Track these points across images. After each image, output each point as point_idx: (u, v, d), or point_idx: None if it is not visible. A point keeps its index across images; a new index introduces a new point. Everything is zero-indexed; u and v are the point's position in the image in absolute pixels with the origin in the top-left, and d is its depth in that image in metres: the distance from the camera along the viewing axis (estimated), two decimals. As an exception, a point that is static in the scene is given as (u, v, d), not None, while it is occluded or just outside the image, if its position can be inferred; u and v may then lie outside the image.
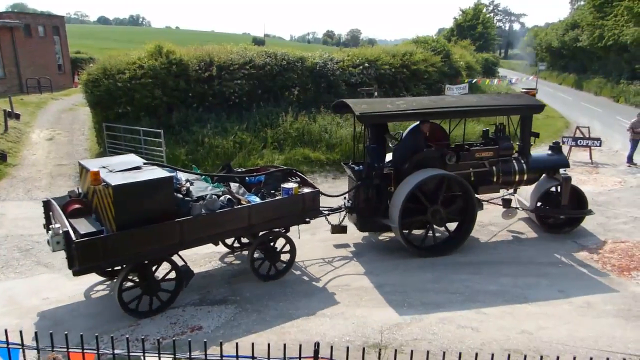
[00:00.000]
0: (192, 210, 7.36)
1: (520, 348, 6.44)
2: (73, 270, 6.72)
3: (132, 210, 6.77)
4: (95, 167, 7.10)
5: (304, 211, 8.55)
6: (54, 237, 6.66)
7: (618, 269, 8.98)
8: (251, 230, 8.15)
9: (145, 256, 7.15)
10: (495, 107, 10.56)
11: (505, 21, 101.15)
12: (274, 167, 9.93)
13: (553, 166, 10.68)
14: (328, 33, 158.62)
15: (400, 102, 10.10)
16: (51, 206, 7.61)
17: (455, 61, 25.08)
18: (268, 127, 16.43)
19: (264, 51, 19.22)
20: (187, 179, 8.25)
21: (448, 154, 9.84)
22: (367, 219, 9.73)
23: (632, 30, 34.54)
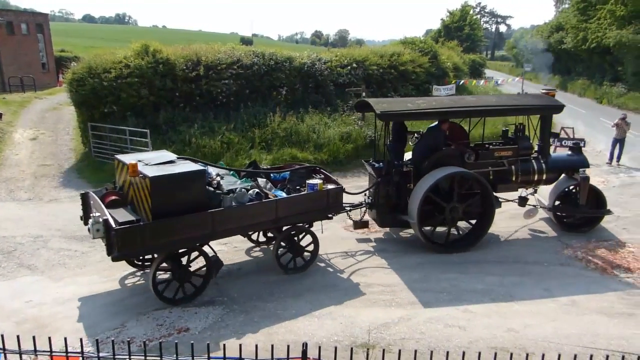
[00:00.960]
0: (222, 202, 7.72)
1: (507, 346, 6.49)
2: (112, 257, 7.02)
3: (167, 200, 7.12)
4: (132, 161, 7.39)
5: (327, 207, 8.87)
6: (94, 225, 6.95)
7: (601, 267, 9.10)
8: (277, 224, 8.43)
9: (178, 245, 7.48)
10: (515, 107, 10.67)
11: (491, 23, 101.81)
12: (298, 165, 10.24)
13: (572, 166, 10.79)
14: (316, 33, 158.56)
15: (420, 102, 10.35)
16: (89, 198, 8.01)
17: (442, 62, 25.23)
18: (256, 127, 16.38)
19: (252, 51, 19.16)
20: (218, 173, 8.59)
21: (467, 152, 10.02)
22: (387, 215, 10.00)
23: (615, 33, 35.05)
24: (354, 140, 16.80)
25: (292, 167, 9.84)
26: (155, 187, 6.98)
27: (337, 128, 17.14)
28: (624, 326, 7.08)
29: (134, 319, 7.29)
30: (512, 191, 10.77)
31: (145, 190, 7.10)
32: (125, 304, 7.75)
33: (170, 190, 7.14)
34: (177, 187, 7.21)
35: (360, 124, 17.64)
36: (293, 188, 9.13)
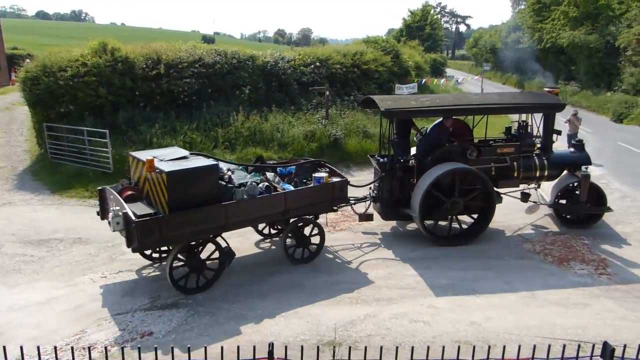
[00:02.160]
0: (234, 195, 8.07)
1: (470, 339, 6.64)
2: (132, 248, 7.44)
3: (183, 194, 7.45)
4: (149, 157, 7.69)
5: (333, 199, 9.25)
6: (114, 218, 7.26)
7: (558, 260, 9.43)
8: (286, 215, 8.77)
9: (193, 236, 7.81)
10: (517, 105, 10.93)
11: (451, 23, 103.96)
12: (303, 159, 10.60)
13: (574, 163, 11.00)
14: (279, 32, 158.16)
15: (424, 99, 10.68)
16: (106, 194, 8.29)
17: (404, 61, 25.58)
18: (219, 127, 16.18)
19: (214, 49, 18.92)
20: (228, 168, 8.92)
21: (469, 148, 10.19)
22: (390, 208, 10.29)
23: (568, 34, 36.38)
24: (318, 139, 16.83)
25: (297, 161, 10.22)
26: (171, 182, 7.31)
27: (301, 127, 17.13)
28: (579, 316, 7.36)
29: (95, 324, 7.09)
30: (514, 187, 10.97)
31: (161, 185, 7.42)
32: (85, 309, 7.53)
33: (186, 184, 7.50)
34: (192, 181, 7.56)
35: (324, 123, 17.69)
36: (300, 182, 9.48)
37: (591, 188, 10.60)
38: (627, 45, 29.63)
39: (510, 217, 11.35)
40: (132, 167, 8.40)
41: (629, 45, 29.47)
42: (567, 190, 10.95)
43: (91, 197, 12.94)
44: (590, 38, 34.96)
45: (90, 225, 11.12)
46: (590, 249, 9.89)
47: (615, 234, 10.77)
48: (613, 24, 34.29)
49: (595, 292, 8.15)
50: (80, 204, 12.66)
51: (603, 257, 9.54)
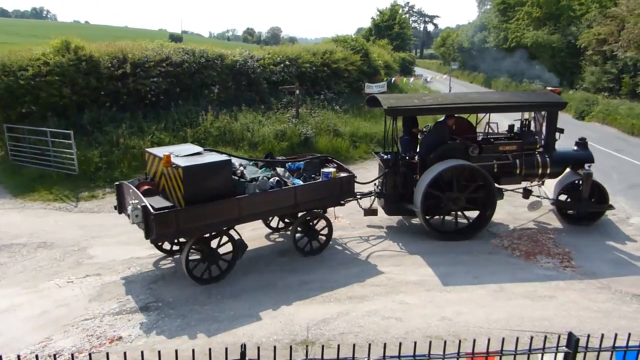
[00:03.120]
0: (247, 189, 8.44)
1: (441, 334, 6.74)
2: (151, 239, 7.79)
3: (198, 188, 7.77)
4: (166, 153, 7.94)
5: (340, 193, 9.59)
6: (133, 210, 7.57)
7: (525, 254, 9.65)
8: (296, 209, 9.09)
9: (208, 228, 8.14)
10: (518, 104, 11.09)
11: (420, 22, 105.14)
12: (311, 155, 10.87)
13: (577, 161, 11.13)
14: (248, 30, 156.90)
15: (427, 98, 10.94)
16: (123, 189, 8.55)
17: (374, 60, 25.73)
18: (188, 127, 15.95)
19: (182, 48, 18.63)
20: (240, 163, 9.30)
21: (471, 146, 10.39)
22: (394, 204, 10.56)
23: (532, 34, 37.32)
24: (289, 138, 16.79)
25: (305, 157, 10.52)
26: (187, 176, 7.64)
27: (271, 126, 17.05)
28: (546, 308, 7.55)
29: (61, 330, 6.90)
30: (517, 184, 11.14)
31: (178, 179, 7.75)
32: (50, 315, 7.31)
33: (200, 179, 7.80)
34: (206, 175, 7.89)
35: (294, 122, 17.66)
36: (308, 177, 9.78)
37: (594, 186, 10.77)
38: (587, 45, 30.57)
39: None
40: (148, 163, 8.72)
41: (589, 45, 30.41)
42: (570, 187, 11.07)
43: (56, 200, 12.59)
44: (552, 38, 35.94)
45: (54, 229, 10.83)
46: (556, 243, 10.16)
47: (579, 227, 11.08)
48: (574, 24, 35.33)
49: (561, 285, 8.38)
50: (44, 207, 12.29)
51: (567, 250, 9.82)
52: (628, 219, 11.57)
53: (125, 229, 10.77)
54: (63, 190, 13.02)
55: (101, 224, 11.10)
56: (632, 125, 22.28)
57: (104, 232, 10.63)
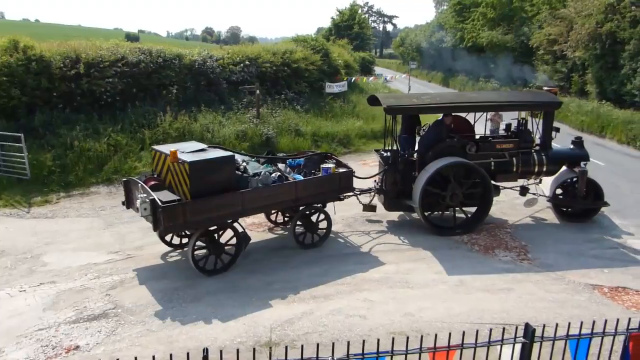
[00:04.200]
0: (250, 183, 8.78)
1: (405, 330, 6.82)
2: (159, 231, 8.16)
3: (203, 182, 8.11)
4: (172, 149, 8.34)
5: (340, 188, 9.94)
6: (142, 204, 7.83)
7: (484, 249, 9.91)
8: (297, 203, 9.42)
9: (213, 221, 8.47)
10: (515, 103, 11.36)
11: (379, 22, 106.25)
12: (311, 152, 11.36)
13: (573, 159, 11.38)
14: (207, 30, 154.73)
15: (425, 97, 11.28)
16: (131, 185, 8.86)
17: (334, 60, 25.79)
18: (145, 128, 15.57)
19: (138, 48, 18.15)
20: (243, 159, 9.68)
21: (468, 144, 10.65)
22: (393, 200, 10.85)
23: (487, 34, 38.36)
24: (250, 138, 16.65)
25: (305, 154, 10.93)
26: (193, 171, 7.97)
27: (232, 126, 16.86)
28: (504, 301, 7.77)
29: (14, 342, 6.61)
30: (513, 181, 11.36)
31: (184, 174, 8.09)
32: (1, 327, 6.99)
33: (206, 173, 8.15)
34: (211, 170, 8.22)
35: (255, 122, 17.52)
36: (308, 172, 10.06)
37: (590, 183, 11.06)
38: (539, 45, 31.66)
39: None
40: (155, 159, 9.03)
41: (540, 45, 31.50)
42: (567, 185, 11.34)
43: (6, 206, 12.06)
44: (506, 38, 37.05)
45: (5, 235, 10.38)
46: (513, 237, 10.47)
47: (534, 221, 11.46)
48: (526, 25, 36.52)
49: (518, 277, 8.64)
50: (-7, 213, 11.75)
51: (524, 244, 10.14)
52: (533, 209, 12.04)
53: (81, 234, 10.46)
54: (14, 195, 12.49)
55: (56, 230, 10.71)
56: (582, 122, 23.23)
57: (59, 238, 10.26)
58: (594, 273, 8.86)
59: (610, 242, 10.33)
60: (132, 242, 10.11)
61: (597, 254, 9.72)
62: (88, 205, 12.26)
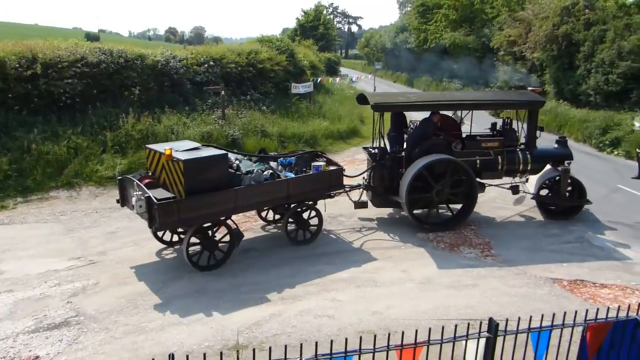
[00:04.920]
0: (242, 181, 8.98)
1: (373, 328, 6.88)
2: (154, 228, 8.48)
3: (197, 180, 8.28)
4: (167, 148, 8.45)
5: (330, 186, 10.21)
6: (137, 201, 7.95)
7: (449, 246, 10.09)
8: (289, 200, 9.63)
9: (207, 218, 8.65)
10: (500, 102, 11.77)
11: (344, 23, 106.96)
12: (302, 151, 11.77)
13: (557, 158, 11.59)
14: (170, 30, 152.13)
15: (411, 95, 11.61)
16: (125, 182, 8.94)
17: (299, 60, 25.79)
18: (107, 130, 15.18)
19: (99, 48, 17.67)
20: (236, 157, 9.95)
21: (454, 142, 10.87)
22: (381, 196, 11.07)
23: (449, 35, 39.12)
24: (216, 139, 16.44)
25: (296, 153, 11.14)
26: (187, 169, 8.14)
27: (197, 128, 16.63)
28: (469, 296, 7.93)
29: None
30: (498, 179, 11.53)
31: (178, 172, 8.25)
32: (-45, 339, 6.69)
33: (200, 171, 8.30)
34: (205, 168, 8.39)
35: (221, 123, 17.34)
36: (300, 170, 10.25)
37: (574, 182, 11.34)
38: (499, 46, 32.50)
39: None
40: (149, 158, 9.19)
41: (501, 46, 32.34)
42: (550, 183, 11.56)
43: (-41, 213, 11.55)
44: (468, 39, 37.86)
45: (-42, 244, 9.94)
46: (477, 234, 10.70)
47: (496, 218, 11.74)
48: (487, 26, 37.43)
49: (482, 273, 8.84)
50: (-55, 221, 11.23)
51: (488, 240, 10.38)
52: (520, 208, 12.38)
53: (40, 241, 10.12)
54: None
55: (13, 237, 10.32)
56: (541, 121, 23.85)
57: (16, 245, 9.89)
58: (553, 267, 9.14)
59: (568, 237, 10.68)
60: (94, 247, 9.84)
61: (556, 248, 10.04)
62: (47, 211, 11.87)
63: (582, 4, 26.35)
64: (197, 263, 8.67)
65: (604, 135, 19.77)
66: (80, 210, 11.92)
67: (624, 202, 11.94)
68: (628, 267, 9.23)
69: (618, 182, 14.43)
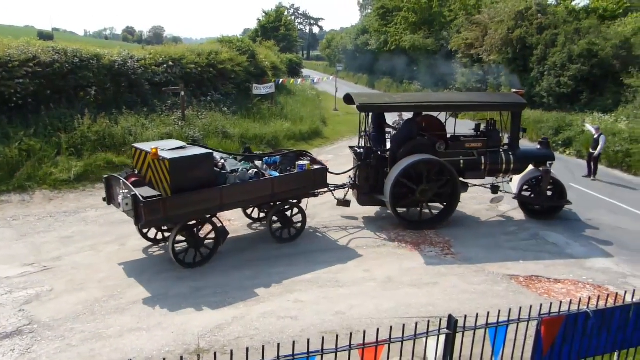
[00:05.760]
0: (228, 180, 9.11)
1: (336, 328, 6.90)
2: (140, 225, 8.52)
3: (183, 178, 8.41)
4: (153, 146, 8.58)
5: (314, 184, 10.41)
6: (124, 199, 8.05)
7: (411, 245, 10.25)
8: (274, 198, 9.85)
9: (193, 215, 8.77)
10: (484, 104, 11.91)
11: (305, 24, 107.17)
12: (287, 150, 12.02)
13: (539, 159, 11.79)
14: (128, 29, 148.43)
15: (396, 96, 11.77)
16: (112, 181, 9.05)
17: (260, 61, 25.67)
18: (62, 132, 14.67)
19: (52, 47, 17.06)
20: (222, 157, 10.10)
21: (438, 142, 11.05)
22: (366, 195, 11.26)
23: (409, 37, 39.76)
24: (176, 141, 16.16)
25: (281, 152, 11.29)
26: (173, 167, 8.25)
27: (156, 129, 16.29)
28: (430, 294, 8.08)
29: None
30: (481, 179, 11.69)
31: (164, 170, 8.35)
32: None
33: (185, 170, 8.43)
34: (191, 167, 8.52)
35: (180, 125, 17.04)
36: (284, 169, 10.42)
37: (555, 183, 11.59)
38: (457, 48, 33.27)
39: (365, 208, 12.02)
40: (135, 157, 9.29)
41: (459, 49, 33.12)
42: (532, 183, 11.76)
43: None
44: (427, 42, 38.59)
45: None
46: (437, 233, 10.90)
47: (456, 217, 11.99)
48: (445, 29, 38.26)
49: (443, 271, 9.02)
50: None
51: (447, 239, 10.59)
52: (497, 207, 12.74)
53: (-11, 247, 9.67)
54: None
55: (-40, 244, 9.83)
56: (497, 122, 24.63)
57: (-36, 252, 9.43)
58: (510, 264, 9.43)
59: (524, 234, 11.04)
60: (48, 252, 9.49)
61: (513, 246, 10.36)
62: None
63: (535, 9, 27.33)
64: (184, 260, 8.79)
65: (557, 136, 20.51)
66: (34, 214, 11.48)
67: (575, 200, 12.41)
68: (580, 262, 9.61)
69: (570, 181, 15.00)
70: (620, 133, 17.77)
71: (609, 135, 16.99)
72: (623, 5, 27.94)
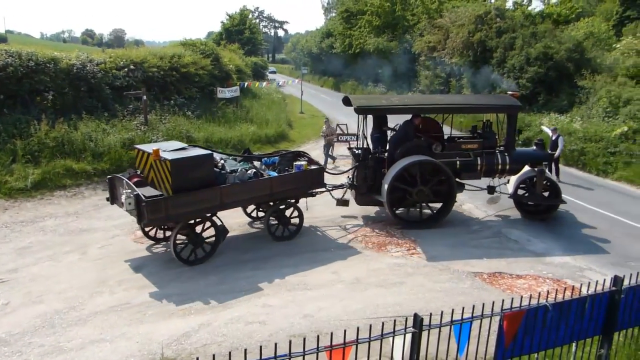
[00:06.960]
0: (227, 179, 9.39)
1: (304, 331, 6.88)
2: (143, 224, 8.84)
3: (184, 178, 8.67)
4: (155, 147, 8.85)
5: (312, 184, 10.68)
6: (127, 199, 8.30)
7: (377, 246, 10.33)
8: (272, 198, 10.14)
9: (194, 215, 9.06)
10: (480, 106, 12.07)
11: (270, 27, 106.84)
12: (285, 151, 12.43)
13: (535, 159, 11.96)
14: (88, 32, 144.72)
15: (394, 98, 12.03)
16: (115, 181, 9.31)
17: (225, 64, 25.45)
18: (17, 138, 14.14)
19: (5, 50, 16.45)
20: (221, 157, 10.32)
21: (434, 143, 11.25)
22: (363, 194, 11.48)
23: (373, 41, 40.20)
24: (138, 146, 15.82)
25: (279, 153, 11.62)
26: (174, 168, 8.49)
27: (117, 134, 15.89)
28: (397, 294, 8.15)
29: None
30: (477, 179, 11.82)
31: (166, 171, 8.60)
32: None
33: (186, 170, 8.68)
34: (192, 167, 8.78)
35: (143, 129, 16.70)
36: (282, 170, 10.69)
37: (551, 183, 11.76)
38: (420, 51, 33.83)
39: (331, 211, 12.05)
40: (138, 158, 9.59)
41: (422, 52, 33.69)
42: (527, 183, 11.88)
43: None
44: (391, 45, 39.09)
45: None
46: (403, 233, 11.03)
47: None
48: (409, 32, 38.84)
49: (409, 271, 9.12)
50: None
51: (413, 239, 10.72)
52: (461, 205, 13.00)
53: (-60, 260, 9.23)
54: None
55: None
56: (460, 123, 25.17)
57: None
58: (475, 262, 9.62)
59: (487, 232, 11.29)
60: (4, 264, 9.13)
61: (477, 244, 10.57)
62: (-52, 227, 10.87)
63: (494, 14, 28.09)
64: (186, 258, 9.04)
65: (517, 136, 21.03)
66: (-12, 225, 11.03)
67: (535, 198, 12.78)
68: (540, 258, 9.89)
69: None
70: (575, 132, 18.43)
71: (564, 135, 17.56)
72: (575, 10, 29.04)
